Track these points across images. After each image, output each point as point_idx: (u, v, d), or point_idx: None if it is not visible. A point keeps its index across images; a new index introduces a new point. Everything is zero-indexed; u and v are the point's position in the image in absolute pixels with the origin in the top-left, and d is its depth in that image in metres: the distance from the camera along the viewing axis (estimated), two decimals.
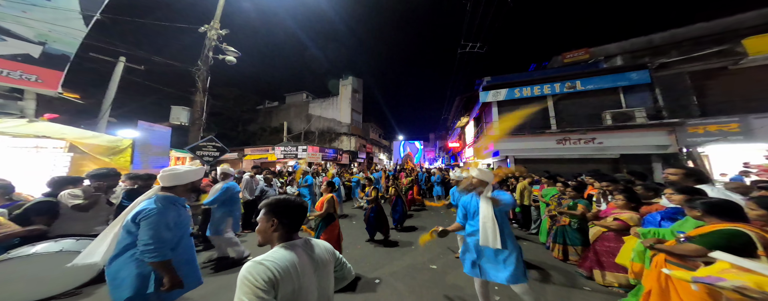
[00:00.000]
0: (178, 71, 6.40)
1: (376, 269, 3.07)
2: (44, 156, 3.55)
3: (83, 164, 3.76)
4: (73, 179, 2.64)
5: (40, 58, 4.27)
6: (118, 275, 1.47)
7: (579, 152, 8.03)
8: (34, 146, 3.46)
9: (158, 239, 1.44)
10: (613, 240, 2.54)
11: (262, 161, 14.01)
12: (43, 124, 3.55)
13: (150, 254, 1.41)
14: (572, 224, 3.13)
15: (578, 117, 8.28)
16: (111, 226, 1.52)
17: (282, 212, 0.94)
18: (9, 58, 3.99)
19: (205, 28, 6.03)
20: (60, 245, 1.98)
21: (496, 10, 9.25)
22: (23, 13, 4.18)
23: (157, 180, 1.67)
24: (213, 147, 5.47)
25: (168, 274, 1.47)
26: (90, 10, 4.78)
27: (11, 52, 4.02)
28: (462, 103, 14.63)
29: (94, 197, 2.50)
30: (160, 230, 1.46)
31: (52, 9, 4.44)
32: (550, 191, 3.95)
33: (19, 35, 4.13)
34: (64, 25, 4.54)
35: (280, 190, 5.67)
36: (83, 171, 3.57)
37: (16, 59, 4.05)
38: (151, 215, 1.46)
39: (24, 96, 4.22)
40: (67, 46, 4.59)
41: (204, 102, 5.93)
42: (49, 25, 4.39)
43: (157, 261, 1.43)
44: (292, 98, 22.76)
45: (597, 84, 8.11)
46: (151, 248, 1.42)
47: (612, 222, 2.49)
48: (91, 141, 3.80)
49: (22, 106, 4.14)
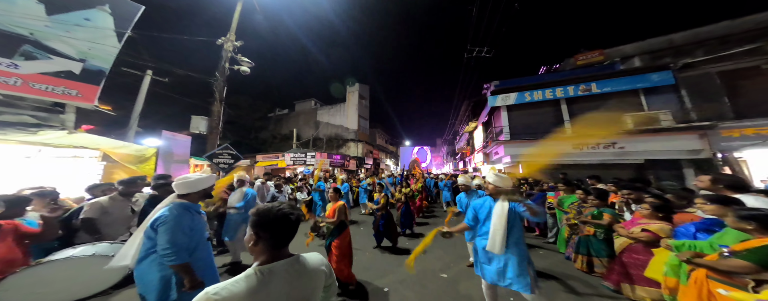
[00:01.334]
0: (198, 82, 6.79)
1: (385, 277, 3.01)
2: (81, 165, 3.83)
3: (114, 171, 4.01)
4: (107, 185, 2.82)
5: (81, 74, 4.67)
6: (144, 277, 1.58)
7: (598, 157, 7.66)
8: (72, 156, 3.74)
9: (175, 244, 1.52)
10: (641, 252, 2.38)
11: (272, 167, 14.36)
12: (80, 135, 3.85)
13: (168, 258, 1.49)
14: (597, 234, 2.96)
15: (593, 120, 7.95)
16: (137, 231, 1.63)
17: (260, 224, 0.81)
18: (54, 75, 4.40)
19: (222, 41, 6.38)
20: (94, 248, 2.09)
21: (502, 15, 9.20)
22: (67, 33, 4.61)
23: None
24: (228, 154, 5.69)
25: (187, 275, 1.54)
26: (122, 28, 5.21)
27: (56, 69, 4.42)
28: (470, 108, 14.47)
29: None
30: (176, 234, 1.54)
31: (92, 28, 4.88)
32: (569, 198, 3.77)
33: (63, 53, 4.55)
34: (101, 43, 4.96)
35: (290, 196, 5.76)
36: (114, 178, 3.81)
37: (60, 76, 4.46)
38: (167, 222, 1.55)
39: (65, 109, 4.61)
40: (104, 62, 5.00)
41: (221, 111, 6.21)
42: (89, 43, 4.82)
43: (177, 264, 1.51)
44: (301, 106, 23.40)
45: (614, 86, 7.80)
46: (169, 251, 1.50)
47: (640, 233, 2.33)
48: (121, 150, 4.07)
49: (63, 118, 4.51)
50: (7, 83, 3.95)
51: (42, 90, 4.25)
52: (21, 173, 3.24)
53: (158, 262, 1.54)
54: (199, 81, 6.63)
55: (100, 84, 4.89)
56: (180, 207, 1.66)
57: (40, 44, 4.35)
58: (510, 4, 12.70)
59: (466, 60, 11.25)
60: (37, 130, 3.77)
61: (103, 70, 4.97)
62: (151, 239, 1.58)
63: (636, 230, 2.37)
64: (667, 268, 1.84)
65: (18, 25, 4.17)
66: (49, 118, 4.38)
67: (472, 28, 10.34)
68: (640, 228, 2.35)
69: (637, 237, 2.35)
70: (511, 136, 9.09)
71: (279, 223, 0.82)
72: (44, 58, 4.35)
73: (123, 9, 5.23)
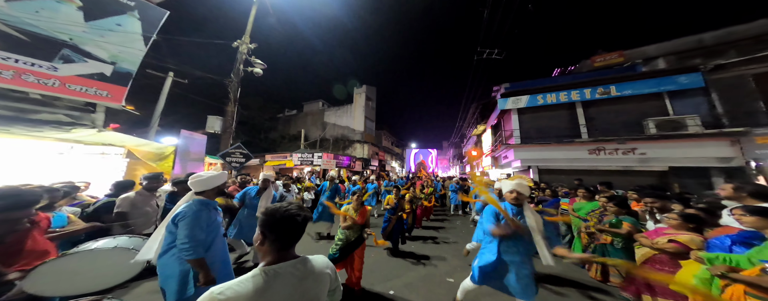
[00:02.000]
0: (213, 83, 7.09)
1: (390, 280, 2.98)
2: (108, 161, 4.07)
3: (136, 168, 4.24)
4: (129, 182, 2.97)
5: (111, 76, 5.00)
6: (165, 271, 1.66)
7: (617, 164, 7.30)
8: (100, 153, 3.99)
9: (193, 238, 1.59)
10: (667, 264, 2.23)
11: (281, 166, 14.65)
12: (108, 133, 4.11)
13: (186, 252, 1.56)
14: (615, 243, 2.82)
15: (614, 125, 7.60)
16: (160, 226, 1.72)
17: (268, 224, 0.82)
18: (88, 77, 4.73)
19: (237, 43, 6.63)
20: (116, 241, 2.18)
21: (515, 16, 9.00)
22: (101, 38, 4.97)
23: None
24: (240, 154, 5.87)
25: (202, 270, 1.61)
26: (148, 32, 5.55)
27: (90, 72, 4.77)
28: (478, 111, 14.23)
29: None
30: (194, 230, 1.61)
31: (122, 33, 5.23)
32: (589, 205, 3.60)
33: (96, 57, 4.90)
34: (129, 46, 5.30)
35: (297, 195, 5.84)
36: (136, 175, 4.03)
37: (93, 77, 4.80)
38: (186, 217, 1.63)
39: (96, 109, 4.94)
40: (131, 64, 5.34)
41: (234, 112, 6.43)
42: (120, 47, 5.17)
43: (193, 259, 1.58)
44: (309, 106, 23.80)
45: (636, 89, 7.43)
46: (187, 246, 1.57)
47: (667, 244, 2.19)
48: (144, 148, 4.30)
49: (93, 118, 4.83)
50: (47, 84, 4.30)
51: (77, 91, 4.59)
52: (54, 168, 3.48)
53: (178, 256, 1.61)
54: (215, 82, 6.93)
55: (128, 85, 5.21)
56: (199, 203, 1.74)
57: (78, 48, 4.71)
58: (523, 6, 12.45)
59: (476, 62, 11.12)
60: (71, 129, 4.06)
61: (131, 72, 5.30)
62: (172, 233, 1.65)
63: (661, 240, 2.23)
64: (696, 281, 1.73)
65: (60, 31, 4.54)
66: (82, 117, 4.71)
67: (483, 29, 10.22)
68: (666, 239, 2.21)
69: (662, 248, 2.21)
70: (522, 140, 8.84)
71: (286, 223, 0.82)
72: (80, 62, 4.70)
73: (150, 14, 5.58)
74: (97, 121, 4.82)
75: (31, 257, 1.66)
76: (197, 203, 1.73)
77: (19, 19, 4.18)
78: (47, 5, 4.45)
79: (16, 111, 4.06)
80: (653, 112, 7.14)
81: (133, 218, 2.65)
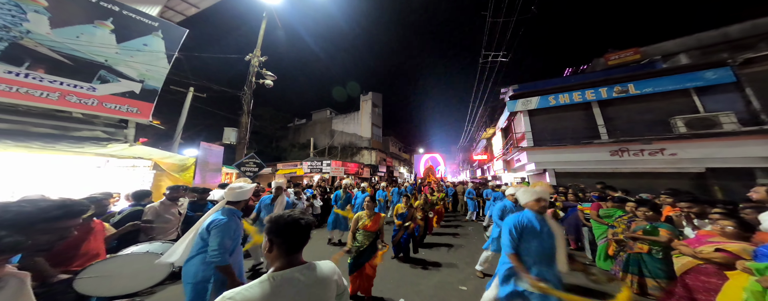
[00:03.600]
0: (226, 96, 7.44)
1: (401, 287, 2.93)
2: (137, 173, 4.36)
3: (161, 179, 4.50)
4: (147, 192, 3.17)
5: (140, 94, 5.40)
6: (190, 274, 1.74)
7: (644, 165, 6.84)
8: (131, 166, 4.28)
9: (222, 246, 1.67)
10: (713, 275, 2.04)
11: (291, 174, 14.97)
12: (138, 147, 4.42)
13: (216, 259, 1.64)
14: (653, 252, 2.59)
15: (636, 124, 7.18)
16: (189, 232, 1.80)
17: (273, 231, 0.85)
18: (120, 95, 5.14)
19: (249, 57, 6.95)
20: (147, 246, 2.34)
21: (518, 18, 8.80)
22: (131, 58, 5.40)
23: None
24: (253, 163, 6.09)
25: (230, 277, 1.68)
26: (171, 50, 5.96)
27: (123, 90, 5.18)
28: (487, 114, 13.94)
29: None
30: (224, 238, 1.69)
31: (148, 52, 5.66)
32: (615, 211, 3.39)
33: (127, 76, 5.33)
34: (155, 65, 5.72)
35: (306, 203, 5.93)
36: (161, 185, 4.28)
37: (125, 96, 5.20)
38: (220, 225, 1.71)
39: (127, 125, 5.33)
40: (157, 81, 5.74)
41: (248, 123, 6.70)
42: (146, 66, 5.58)
43: (222, 265, 1.65)
44: (317, 115, 24.30)
45: (657, 86, 7.02)
46: (216, 253, 1.64)
47: (713, 253, 2.00)
48: (168, 160, 4.57)
49: (126, 133, 5.22)
50: (87, 104, 4.71)
51: (112, 109, 4.99)
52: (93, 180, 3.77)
53: (205, 262, 1.69)
54: (230, 95, 7.28)
55: (154, 101, 5.60)
56: (230, 212, 1.83)
57: (112, 69, 5.14)
58: (526, 8, 12.18)
59: (482, 65, 10.96)
60: (107, 144, 4.41)
61: (157, 89, 5.69)
62: (204, 240, 1.73)
63: (706, 249, 2.04)
64: (747, 294, 1.57)
65: (97, 54, 4.98)
66: (116, 132, 5.09)
67: (487, 33, 10.08)
68: (712, 247, 2.02)
69: (708, 258, 2.02)
70: (535, 142, 8.54)
71: (290, 228, 0.85)
72: (114, 81, 5.12)
73: (171, 33, 6.02)
74: (129, 136, 5.20)
75: (85, 259, 1.83)
76: (228, 212, 1.82)
77: (63, 44, 4.64)
78: (85, 30, 4.92)
79: (61, 129, 4.46)
80: (680, 110, 6.68)
81: (156, 226, 2.82)
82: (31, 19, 4.35)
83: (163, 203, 3.04)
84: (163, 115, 7.66)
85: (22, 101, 4.10)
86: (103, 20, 5.12)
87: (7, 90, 3.96)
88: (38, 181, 3.34)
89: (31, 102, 4.18)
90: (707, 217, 2.38)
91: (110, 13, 5.20)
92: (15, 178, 3.20)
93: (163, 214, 2.95)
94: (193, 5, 7.08)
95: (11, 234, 0.60)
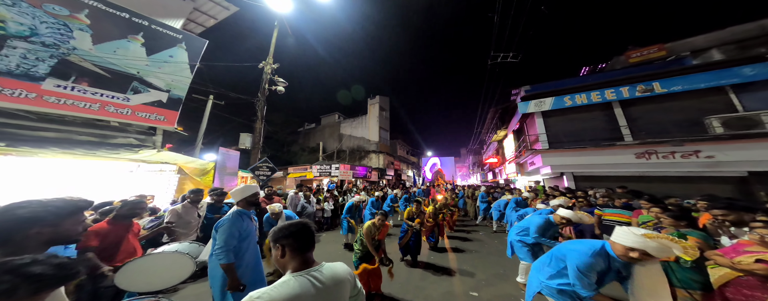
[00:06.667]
0: (244, 103, 7.78)
1: (409, 292, 2.92)
2: (164, 177, 4.70)
3: (185, 182, 4.82)
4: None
5: (167, 102, 5.82)
6: (211, 272, 1.90)
7: (675, 169, 6.35)
8: (159, 170, 4.62)
9: (226, 244, 1.77)
10: (756, 288, 1.84)
11: (301, 178, 15.26)
12: (165, 153, 4.77)
13: (218, 257, 1.75)
14: (681, 261, 2.36)
15: (664, 125, 6.69)
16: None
17: (284, 236, 0.91)
18: (150, 104, 5.57)
19: (262, 64, 7.22)
20: (177, 246, 2.51)
21: (528, 18, 8.33)
22: (159, 69, 5.83)
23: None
24: (266, 167, 6.30)
25: (230, 275, 1.76)
26: (193, 60, 6.38)
27: (152, 100, 5.61)
28: (497, 116, 13.53)
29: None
30: (228, 237, 1.80)
31: (174, 63, 6.09)
32: (643, 217, 3.12)
33: (156, 86, 5.76)
34: (180, 75, 6.14)
35: (317, 206, 6.04)
36: (184, 188, 4.57)
37: (154, 105, 5.63)
38: (223, 225, 1.84)
39: (156, 132, 5.75)
40: (181, 90, 6.16)
41: (262, 128, 6.95)
42: (172, 76, 6.01)
43: (224, 263, 1.75)
44: (326, 119, 24.73)
45: (687, 84, 6.51)
46: (219, 251, 1.76)
47: (754, 264, 1.82)
48: (191, 165, 4.88)
49: (154, 140, 5.64)
50: (123, 113, 5.15)
51: (143, 117, 5.42)
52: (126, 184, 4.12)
53: (216, 260, 1.81)
54: (245, 102, 7.59)
55: (179, 110, 6.01)
56: (236, 213, 1.93)
57: (143, 80, 5.59)
58: (536, 8, 11.71)
59: (491, 66, 10.69)
60: (139, 150, 4.80)
61: (181, 98, 6.11)
62: (215, 239, 1.86)
63: (745, 259, 1.86)
64: None
65: (130, 66, 5.44)
66: (146, 139, 5.52)
67: (495, 34, 9.84)
68: (752, 258, 1.85)
69: (748, 269, 1.84)
70: (550, 144, 8.19)
71: (295, 228, 0.92)
72: (145, 92, 5.56)
73: (194, 44, 6.44)
74: (157, 143, 5.61)
75: (125, 255, 2.03)
76: (234, 213, 1.92)
77: (102, 58, 5.11)
78: (121, 45, 5.39)
79: (100, 137, 4.91)
80: (714, 109, 6.13)
81: (179, 227, 3.02)
82: (76, 37, 4.84)
83: (185, 205, 3.25)
84: (183, 122, 8.16)
85: (69, 112, 4.56)
86: (135, 34, 5.59)
87: (56, 102, 4.43)
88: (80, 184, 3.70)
89: (76, 113, 4.64)
90: (746, 225, 2.18)
91: (141, 27, 5.67)
92: (61, 182, 3.57)
93: (184, 216, 3.15)
94: (212, 17, 7.54)
95: (68, 265, 0.70)
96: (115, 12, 5.34)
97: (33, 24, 4.47)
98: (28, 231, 0.86)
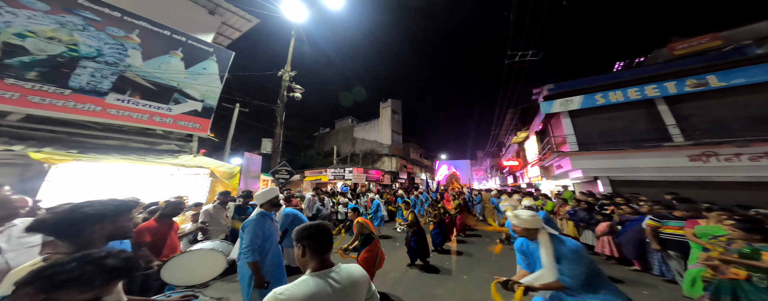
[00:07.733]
0: (265, 110, 8.31)
1: (416, 294, 2.96)
2: (198, 180, 5.32)
3: (216, 185, 5.39)
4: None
5: (201, 112, 6.49)
6: (239, 270, 2.07)
7: (740, 173, 5.47)
8: (194, 174, 5.24)
9: (252, 244, 1.91)
10: None
11: (317, 181, 15.74)
12: (200, 158, 5.37)
13: (245, 255, 1.90)
14: (755, 279, 2.07)
15: (725, 123, 5.78)
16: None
17: (305, 237, 0.97)
18: (187, 114, 6.27)
19: (281, 72, 7.60)
20: (212, 244, 2.80)
21: (547, 14, 7.45)
22: (194, 81, 6.49)
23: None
24: (285, 171, 6.73)
25: (256, 273, 1.91)
26: (222, 71, 6.96)
27: (189, 109, 6.29)
28: (517, 117, 12.67)
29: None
30: (253, 236, 1.94)
31: (206, 75, 6.71)
32: (712, 229, 2.76)
33: (193, 97, 6.44)
34: (212, 86, 6.77)
35: (332, 209, 6.34)
36: (216, 191, 5.12)
37: (191, 114, 6.31)
38: (249, 225, 1.99)
39: (192, 139, 6.47)
40: (213, 100, 6.80)
41: (281, 134, 7.37)
42: (205, 87, 6.65)
43: (251, 262, 1.89)
44: (340, 124, 25.20)
45: (752, 77, 5.53)
46: (245, 250, 1.91)
47: None
48: (221, 169, 5.43)
49: (191, 146, 6.34)
50: (166, 122, 5.88)
51: (182, 125, 6.13)
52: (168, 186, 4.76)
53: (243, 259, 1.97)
54: (266, 109, 8.10)
55: (211, 118, 6.67)
56: (260, 214, 2.10)
57: (182, 92, 6.29)
58: (556, 3, 10.51)
59: (508, 66, 9.98)
60: (178, 155, 5.47)
61: (213, 107, 6.75)
62: (242, 239, 2.03)
63: None
64: None
65: (172, 79, 6.15)
66: (184, 146, 6.25)
67: (512, 32, 9.13)
68: None
69: None
70: (580, 146, 7.51)
71: (315, 229, 1.00)
72: (183, 102, 6.25)
73: (222, 56, 7.01)
74: (193, 149, 6.31)
75: (169, 250, 2.32)
76: (258, 214, 2.08)
77: (150, 73, 5.84)
78: (164, 60, 6.09)
79: (149, 144, 5.69)
80: None
81: (210, 227, 3.40)
82: (130, 55, 5.58)
83: (216, 206, 3.68)
84: (213, 129, 8.96)
85: (126, 122, 5.34)
86: (175, 50, 6.26)
87: (116, 114, 5.22)
88: (131, 186, 4.36)
89: (131, 122, 5.41)
90: None
91: (180, 43, 6.33)
92: (116, 184, 4.25)
93: (215, 216, 3.57)
94: (237, 29, 8.10)
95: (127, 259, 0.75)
96: (160, 30, 6.02)
97: (99, 46, 5.24)
98: (94, 227, 0.96)
